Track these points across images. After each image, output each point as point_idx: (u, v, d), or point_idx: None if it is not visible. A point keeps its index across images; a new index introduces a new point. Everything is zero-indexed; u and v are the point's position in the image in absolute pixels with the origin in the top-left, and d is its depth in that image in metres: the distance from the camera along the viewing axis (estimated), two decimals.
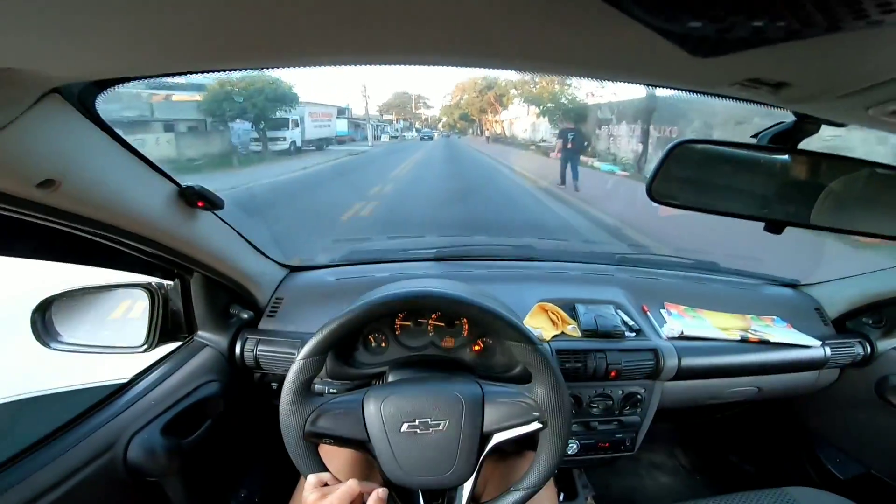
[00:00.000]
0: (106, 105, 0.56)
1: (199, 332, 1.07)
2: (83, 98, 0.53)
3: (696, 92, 0.37)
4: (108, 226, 0.66)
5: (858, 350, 1.24)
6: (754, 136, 0.54)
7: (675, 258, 1.56)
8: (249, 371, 1.12)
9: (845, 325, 1.33)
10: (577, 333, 1.14)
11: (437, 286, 0.95)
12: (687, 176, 0.57)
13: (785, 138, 0.51)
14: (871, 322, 1.29)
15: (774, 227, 0.55)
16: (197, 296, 1.03)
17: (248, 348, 1.08)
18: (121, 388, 0.90)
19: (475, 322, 0.98)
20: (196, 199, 0.81)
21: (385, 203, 7.16)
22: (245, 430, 1.23)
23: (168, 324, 1.02)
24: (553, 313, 1.18)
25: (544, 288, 1.28)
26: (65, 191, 0.53)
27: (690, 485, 1.69)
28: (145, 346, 0.97)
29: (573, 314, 1.19)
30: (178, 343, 1.06)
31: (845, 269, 1.35)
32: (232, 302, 1.12)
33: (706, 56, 0.26)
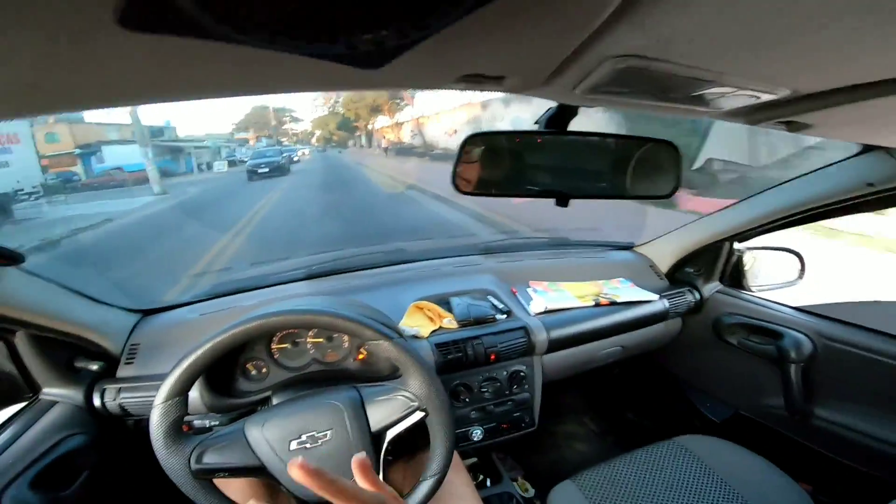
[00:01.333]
0: None
1: (45, 390, 0.98)
2: None
3: (423, 88, 0.42)
4: None
5: (689, 298, 1.43)
6: (536, 122, 0.62)
7: (532, 239, 1.70)
8: (119, 419, 1.04)
9: (675, 276, 1.53)
10: (454, 325, 1.19)
11: (299, 304, 0.94)
12: (482, 166, 0.63)
13: (556, 121, 0.59)
14: (692, 271, 1.49)
15: (562, 200, 0.63)
16: (28, 355, 0.94)
17: (108, 398, 1.01)
18: None
19: (332, 330, 0.99)
20: None
21: None
22: (133, 475, 1.14)
23: (4, 386, 0.93)
24: (428, 310, 1.22)
25: (419, 287, 1.32)
26: None
27: (604, 447, 1.82)
28: None
29: (448, 308, 1.24)
30: (23, 403, 0.96)
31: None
32: (76, 355, 1.03)
33: (379, 67, 0.29)
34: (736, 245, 1.41)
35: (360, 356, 1.06)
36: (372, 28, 0.22)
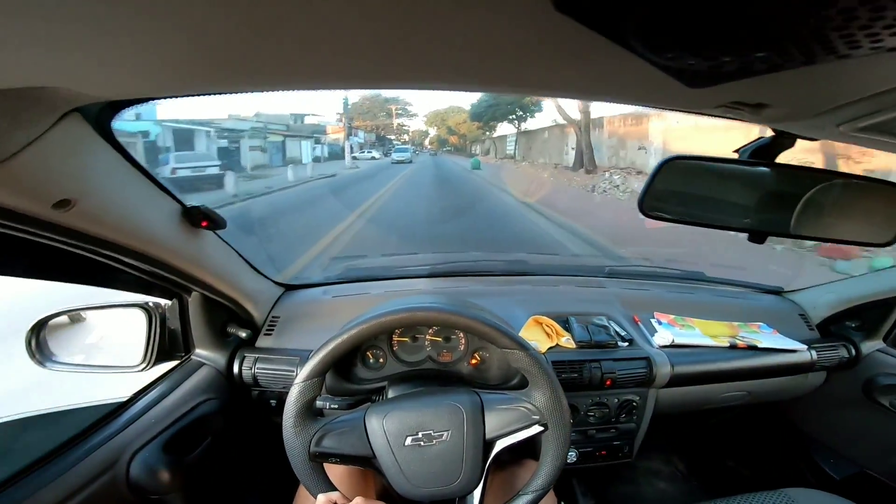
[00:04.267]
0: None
1: (197, 351, 1.07)
2: (100, 118, 0.55)
3: (683, 111, 0.41)
4: (116, 245, 0.67)
5: (843, 353, 1.29)
6: (737, 150, 0.58)
7: (663, 269, 1.60)
8: (247, 388, 1.12)
9: (829, 329, 1.37)
10: (572, 345, 1.16)
11: (433, 302, 0.97)
12: (675, 190, 0.60)
13: (764, 152, 0.55)
14: (853, 325, 1.34)
15: (757, 237, 0.58)
16: (195, 315, 1.04)
17: (246, 366, 1.08)
18: (120, 407, 0.90)
19: (471, 333, 1.00)
20: (200, 219, 0.82)
21: None
22: (244, 446, 1.22)
23: (165, 343, 1.01)
24: (547, 326, 1.20)
25: (538, 302, 1.30)
26: (78, 211, 0.54)
27: (687, 490, 1.70)
28: (142, 366, 0.96)
29: (567, 326, 1.21)
30: (175, 362, 1.05)
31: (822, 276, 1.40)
32: (229, 321, 1.12)
33: (698, 87, 0.29)
34: None
35: (474, 361, 1.07)
36: (736, 52, 0.23)
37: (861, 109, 0.34)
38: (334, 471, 0.93)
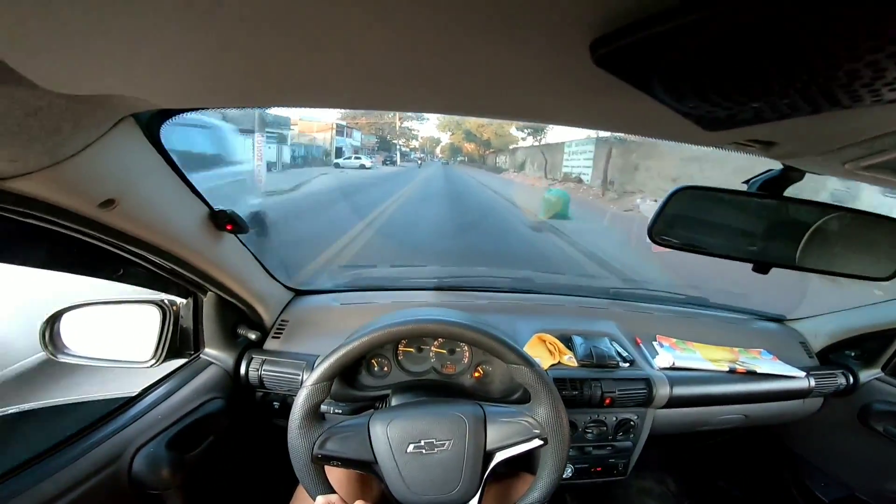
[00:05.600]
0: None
1: (206, 350, 1.08)
2: (151, 124, 0.58)
3: (700, 145, 0.43)
4: (145, 243, 0.69)
5: (841, 380, 1.31)
6: (746, 181, 0.60)
7: (666, 293, 1.61)
8: (252, 390, 1.13)
9: (829, 357, 1.40)
10: (574, 363, 1.17)
11: (440, 315, 0.99)
12: (684, 219, 0.62)
13: (773, 185, 0.57)
14: (853, 354, 1.37)
15: (761, 268, 0.60)
16: (208, 314, 1.05)
17: (253, 367, 1.10)
18: (128, 402, 0.91)
19: (478, 347, 1.02)
20: (226, 222, 0.85)
21: None
22: (246, 446, 1.23)
23: (176, 341, 1.03)
24: (550, 344, 1.21)
25: (542, 319, 1.32)
26: (119, 210, 0.56)
27: None
28: (153, 362, 0.97)
29: (569, 345, 1.23)
30: (184, 360, 1.06)
31: (825, 305, 1.41)
32: (240, 322, 1.14)
33: (714, 130, 0.32)
34: None
35: (477, 374, 1.10)
36: (745, 102, 0.25)
37: (864, 150, 0.36)
38: (334, 474, 0.95)
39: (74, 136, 0.43)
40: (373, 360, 1.08)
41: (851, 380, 1.32)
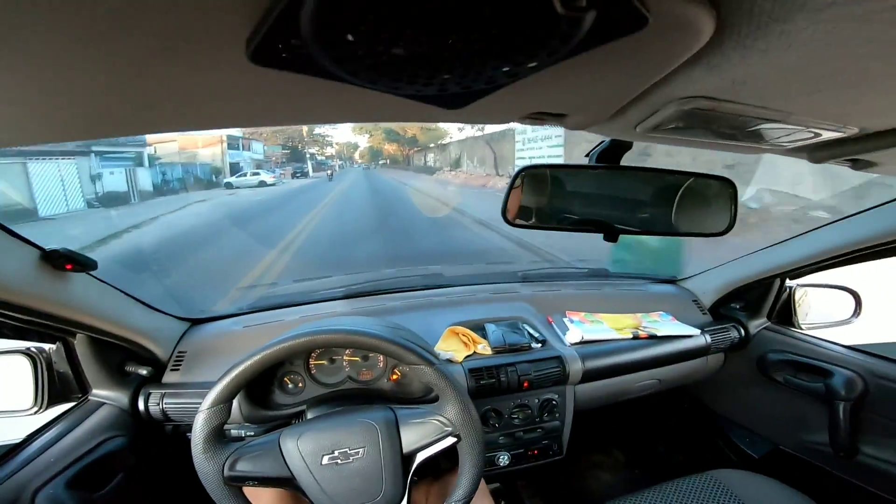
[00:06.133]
0: None
1: (94, 391, 1.03)
2: None
3: (491, 123, 0.43)
4: None
5: (734, 334, 1.39)
6: (587, 155, 0.63)
7: (571, 269, 1.68)
8: (157, 424, 1.08)
9: (719, 311, 1.49)
10: (488, 351, 1.18)
11: (344, 323, 0.97)
12: (535, 199, 0.64)
13: (608, 156, 0.59)
14: (738, 307, 1.45)
15: (611, 236, 0.63)
16: (85, 356, 0.99)
17: (152, 402, 1.05)
18: (14, 448, 0.87)
19: (377, 352, 1.01)
20: (63, 263, 0.79)
21: None
22: (164, 480, 1.17)
23: (56, 386, 0.98)
24: (464, 335, 1.22)
25: (455, 312, 1.32)
26: None
27: (630, 478, 1.77)
28: (35, 409, 0.92)
29: (483, 333, 1.24)
30: (72, 403, 1.01)
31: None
32: (127, 359, 1.08)
33: (460, 108, 0.31)
34: (787, 282, 1.36)
35: (394, 377, 1.09)
36: (463, 75, 0.24)
37: (642, 111, 0.38)
38: (262, 494, 0.96)
39: None
40: (285, 378, 1.04)
41: (743, 332, 1.39)
